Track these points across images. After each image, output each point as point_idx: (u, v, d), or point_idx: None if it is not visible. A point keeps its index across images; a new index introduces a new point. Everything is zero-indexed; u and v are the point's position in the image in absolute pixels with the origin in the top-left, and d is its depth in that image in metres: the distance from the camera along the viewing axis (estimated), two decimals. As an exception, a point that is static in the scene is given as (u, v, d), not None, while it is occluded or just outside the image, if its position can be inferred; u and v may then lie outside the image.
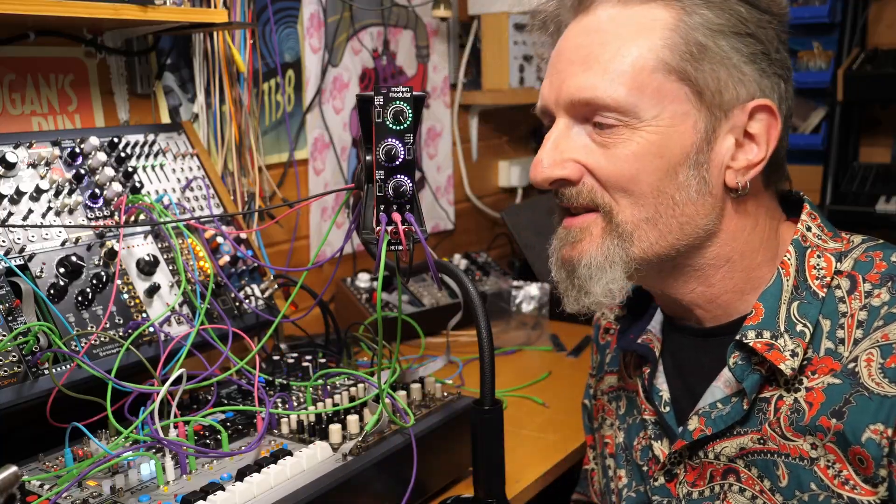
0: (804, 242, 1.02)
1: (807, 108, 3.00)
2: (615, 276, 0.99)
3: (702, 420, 1.03)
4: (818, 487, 0.94)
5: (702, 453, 1.05)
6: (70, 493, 1.03)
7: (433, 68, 2.54)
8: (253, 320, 1.50)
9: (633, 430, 1.18)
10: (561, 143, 1.00)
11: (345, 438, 1.17)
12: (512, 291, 2.34)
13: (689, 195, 0.97)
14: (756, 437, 0.99)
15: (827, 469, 0.93)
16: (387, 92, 0.93)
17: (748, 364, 0.99)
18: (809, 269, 1.00)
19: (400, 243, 0.95)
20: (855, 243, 1.01)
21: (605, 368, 1.28)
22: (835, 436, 0.92)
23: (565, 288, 1.04)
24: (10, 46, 1.48)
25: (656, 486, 1.11)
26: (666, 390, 1.12)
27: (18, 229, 1.27)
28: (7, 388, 1.13)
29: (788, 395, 0.96)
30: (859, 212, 2.64)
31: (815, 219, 1.04)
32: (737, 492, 1.02)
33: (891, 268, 0.95)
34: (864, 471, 0.90)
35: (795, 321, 0.97)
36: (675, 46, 0.95)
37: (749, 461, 1.00)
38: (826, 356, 0.95)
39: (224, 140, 1.83)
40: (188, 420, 1.18)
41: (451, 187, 2.65)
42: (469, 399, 1.30)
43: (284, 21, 2.03)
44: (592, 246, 1.00)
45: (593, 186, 0.99)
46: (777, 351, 0.96)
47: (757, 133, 0.99)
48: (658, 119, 0.96)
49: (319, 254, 2.13)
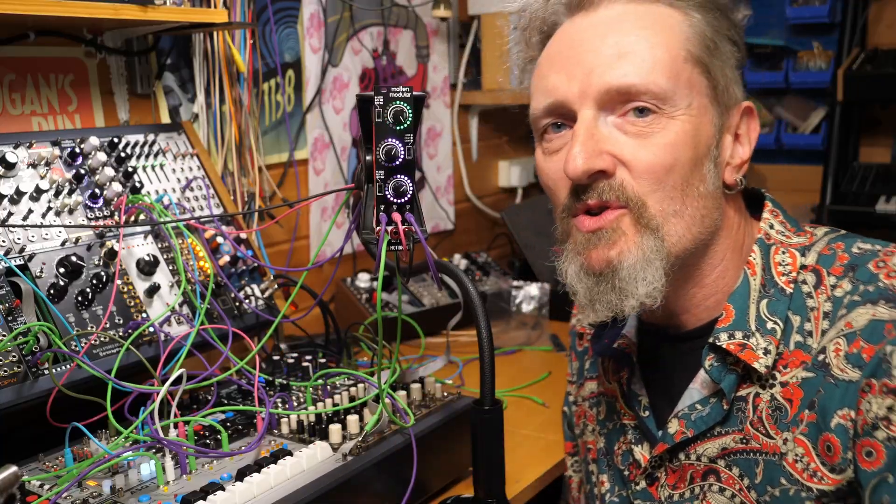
0: (768, 240, 1.04)
1: (807, 108, 3.01)
2: (658, 275, 0.96)
3: (682, 422, 1.04)
4: (787, 482, 0.95)
5: (682, 455, 1.05)
6: (70, 493, 1.03)
7: (433, 68, 2.54)
8: (253, 320, 1.50)
9: (614, 435, 1.19)
10: (595, 134, 0.97)
11: (345, 438, 1.17)
12: (512, 291, 2.34)
13: (708, 188, 0.99)
14: (738, 436, 1.00)
15: (795, 463, 0.94)
16: (387, 92, 0.93)
17: (724, 365, 1.00)
18: (775, 266, 1.01)
19: (400, 243, 0.95)
20: (818, 236, 1.03)
21: (585, 374, 1.28)
22: (807, 426, 0.93)
23: (596, 294, 0.99)
24: (10, 46, 1.48)
25: (638, 490, 1.12)
26: (644, 395, 1.13)
27: (18, 229, 1.27)
28: (7, 388, 1.13)
29: (764, 392, 0.98)
30: (859, 212, 2.64)
31: (777, 215, 1.06)
32: (717, 492, 1.03)
33: (852, 259, 0.97)
34: (830, 459, 0.91)
35: (766, 319, 0.99)
36: (697, 40, 0.98)
37: (731, 461, 1.01)
38: (796, 349, 0.97)
39: (224, 140, 1.83)
40: (188, 420, 1.18)
41: (451, 187, 2.65)
42: (469, 399, 1.30)
43: (284, 21, 2.03)
44: (632, 244, 0.96)
45: (624, 179, 0.96)
46: (750, 350, 0.97)
47: (743, 133, 1.04)
48: (690, 109, 0.97)
49: (319, 254, 2.13)
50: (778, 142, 3.01)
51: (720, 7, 1.01)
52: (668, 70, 0.96)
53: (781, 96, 3.05)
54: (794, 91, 3.01)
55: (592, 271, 0.99)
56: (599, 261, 0.98)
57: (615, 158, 0.96)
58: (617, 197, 0.96)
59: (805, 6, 2.88)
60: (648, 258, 0.96)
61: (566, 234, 1.03)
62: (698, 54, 0.98)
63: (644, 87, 0.95)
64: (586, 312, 1.02)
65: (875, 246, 0.98)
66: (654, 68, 0.96)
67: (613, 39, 0.97)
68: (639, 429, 1.13)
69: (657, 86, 0.95)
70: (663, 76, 0.96)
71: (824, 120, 2.90)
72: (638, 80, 0.95)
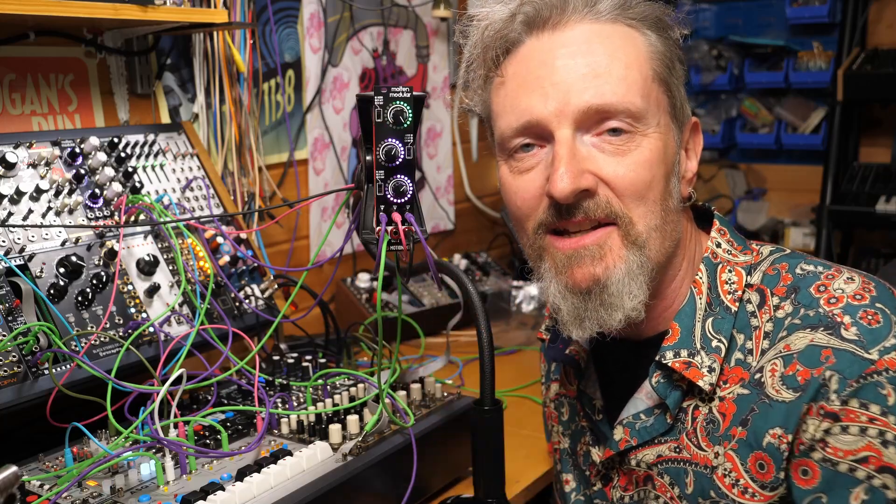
0: (714, 259, 1.06)
1: (807, 108, 3.01)
2: (642, 289, 0.98)
3: (626, 430, 1.07)
4: (717, 495, 0.98)
5: (627, 460, 1.09)
6: (70, 493, 1.03)
7: (433, 68, 2.54)
8: (253, 320, 1.50)
9: (576, 435, 1.21)
10: (577, 154, 0.97)
11: (345, 438, 1.17)
12: (512, 291, 2.34)
13: (675, 203, 1.02)
14: (673, 445, 1.03)
15: (724, 477, 0.97)
16: (387, 92, 0.93)
17: (669, 381, 1.02)
18: (721, 285, 1.03)
19: (400, 243, 0.95)
20: (764, 255, 1.06)
21: (551, 377, 1.30)
22: (737, 443, 0.96)
23: (584, 311, 0.99)
24: (10, 46, 1.48)
25: (595, 490, 1.15)
26: (599, 398, 1.15)
27: (18, 229, 1.27)
28: (7, 388, 1.13)
29: (704, 405, 1.01)
30: (859, 212, 2.64)
31: (725, 234, 1.08)
32: (653, 498, 1.06)
33: (795, 280, 0.99)
34: (763, 476, 0.94)
35: (710, 337, 1.01)
36: (658, 59, 1.00)
37: (662, 469, 1.04)
38: (736, 366, 0.99)
39: (224, 140, 1.83)
40: (188, 420, 1.18)
41: (451, 187, 2.65)
42: (469, 399, 1.30)
43: (284, 21, 2.03)
44: (617, 260, 0.97)
45: (608, 197, 0.97)
46: (695, 368, 1.00)
47: (691, 148, 1.08)
48: (659, 127, 0.99)
49: (319, 254, 2.13)
50: (778, 142, 3.02)
51: (667, 27, 1.03)
52: (641, 89, 0.98)
53: (781, 96, 3.05)
54: (794, 91, 3.01)
55: (578, 289, 0.99)
56: (585, 278, 0.98)
57: (596, 177, 0.97)
58: (606, 214, 0.97)
59: (805, 6, 2.88)
60: (633, 273, 0.98)
61: (540, 251, 1.03)
62: (662, 73, 1.00)
63: (622, 107, 0.96)
64: (572, 329, 1.01)
65: (818, 268, 1.00)
66: (630, 88, 0.97)
67: (587, 59, 0.97)
68: (594, 431, 1.15)
69: (634, 105, 0.97)
70: (638, 95, 0.97)
71: (824, 120, 2.90)
72: (615, 99, 0.96)
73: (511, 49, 1.02)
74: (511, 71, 1.02)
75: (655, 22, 1.01)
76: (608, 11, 0.99)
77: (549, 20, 0.99)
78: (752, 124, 3.14)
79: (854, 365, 0.89)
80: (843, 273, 0.98)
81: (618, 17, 0.99)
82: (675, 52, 1.03)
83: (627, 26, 1.00)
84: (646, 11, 1.00)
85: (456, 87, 2.61)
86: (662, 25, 1.02)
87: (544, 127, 0.98)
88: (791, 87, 2.98)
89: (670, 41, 1.02)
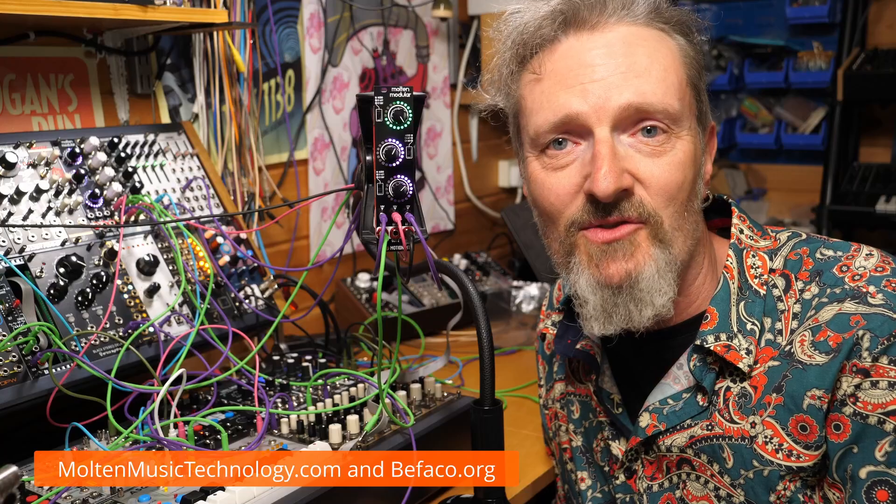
0: (740, 245, 1.08)
1: (807, 108, 3.01)
2: (671, 286, 1.00)
3: (654, 416, 1.07)
4: (760, 463, 0.99)
5: (655, 447, 1.09)
6: (70, 493, 1.03)
7: (433, 68, 2.54)
8: (253, 320, 1.50)
9: (591, 432, 1.21)
10: (617, 153, 0.98)
11: (345, 438, 1.17)
12: (512, 291, 2.33)
13: (698, 203, 1.06)
14: (705, 423, 1.04)
15: (765, 444, 0.99)
16: (387, 92, 0.93)
17: (705, 364, 1.04)
18: (748, 270, 1.07)
19: (400, 243, 0.95)
20: (782, 241, 1.09)
21: (554, 377, 1.29)
22: (774, 409, 0.98)
23: (613, 305, 1.00)
24: (10, 46, 1.48)
25: (618, 484, 1.15)
26: (616, 392, 1.15)
27: (18, 229, 1.27)
28: (7, 388, 1.13)
29: (736, 385, 1.03)
30: (859, 212, 2.64)
31: (745, 220, 1.11)
32: (694, 480, 1.06)
33: (816, 264, 1.03)
34: (806, 437, 0.96)
35: (745, 321, 1.03)
36: (691, 64, 1.04)
37: (698, 448, 1.05)
38: (766, 347, 1.02)
39: (224, 140, 1.83)
40: (188, 420, 1.18)
41: (451, 187, 2.65)
42: (469, 399, 1.30)
43: (284, 21, 2.03)
44: (648, 257, 0.99)
45: (642, 197, 0.99)
46: (734, 351, 1.02)
47: (707, 151, 1.10)
48: (690, 130, 1.02)
49: (319, 254, 2.13)
50: (778, 142, 3.02)
51: (692, 32, 1.05)
52: (678, 92, 1.00)
53: (781, 96, 3.05)
54: (794, 91, 3.01)
55: (610, 283, 1.00)
56: (619, 273, 1.00)
57: (633, 177, 0.99)
58: (639, 214, 0.99)
59: (805, 6, 2.88)
60: (662, 270, 1.00)
61: (571, 247, 1.03)
62: (693, 77, 1.03)
63: (661, 107, 0.98)
64: (596, 324, 1.02)
65: (837, 252, 1.03)
66: (668, 90, 0.99)
67: (627, 60, 0.99)
68: (614, 425, 1.15)
69: (672, 106, 0.99)
70: (675, 97, 1.00)
71: (824, 120, 2.90)
72: (655, 99, 0.98)
73: (548, 46, 1.03)
74: (549, 68, 1.03)
75: (683, 26, 1.04)
76: (644, 14, 1.01)
77: (588, 20, 1.01)
78: (752, 124, 3.14)
79: (885, 324, 0.92)
80: (861, 250, 1.02)
81: (652, 20, 1.02)
82: (702, 58, 1.05)
83: (659, 30, 1.02)
84: (675, 16, 1.03)
85: (456, 87, 2.62)
86: (689, 31, 1.04)
87: (582, 123, 0.99)
88: (791, 87, 2.98)
89: (698, 47, 1.05)
